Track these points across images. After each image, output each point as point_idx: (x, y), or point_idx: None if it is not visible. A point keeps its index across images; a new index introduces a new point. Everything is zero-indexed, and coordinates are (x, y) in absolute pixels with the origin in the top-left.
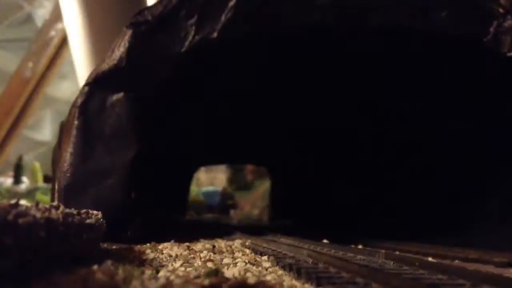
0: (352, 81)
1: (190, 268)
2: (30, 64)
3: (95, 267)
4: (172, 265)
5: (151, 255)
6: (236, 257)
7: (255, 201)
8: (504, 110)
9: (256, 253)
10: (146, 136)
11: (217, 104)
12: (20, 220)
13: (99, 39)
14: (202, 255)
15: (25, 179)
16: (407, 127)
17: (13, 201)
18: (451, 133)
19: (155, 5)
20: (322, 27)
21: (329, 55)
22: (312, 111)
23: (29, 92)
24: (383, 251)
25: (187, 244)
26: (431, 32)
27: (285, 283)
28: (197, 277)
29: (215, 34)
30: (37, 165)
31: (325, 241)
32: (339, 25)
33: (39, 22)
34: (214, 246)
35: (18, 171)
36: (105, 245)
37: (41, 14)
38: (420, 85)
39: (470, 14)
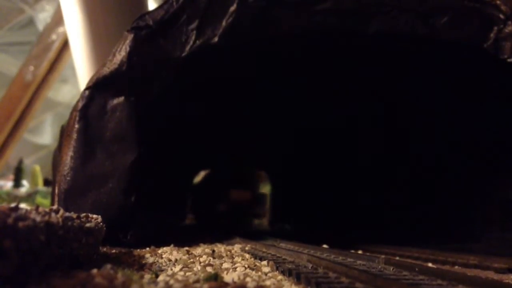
0: (352, 85)
1: (190, 273)
2: (31, 68)
3: (95, 271)
4: (171, 269)
5: (151, 259)
6: (235, 262)
7: None
8: (504, 114)
9: (255, 258)
10: (146, 140)
11: (217, 108)
12: (20, 224)
13: (100, 43)
14: (201, 259)
15: (25, 182)
16: (406, 131)
17: (13, 205)
18: (451, 137)
19: (156, 9)
20: (323, 31)
21: (329, 59)
22: (313, 116)
23: (30, 95)
24: (382, 256)
25: (187, 248)
26: (432, 37)
27: None
28: (197, 281)
29: (216, 39)
30: (37, 168)
31: (324, 246)
32: (340, 30)
33: (40, 25)
34: (213, 251)
35: (18, 175)
36: (105, 249)
37: (43, 17)
38: (420, 90)
39: (471, 20)
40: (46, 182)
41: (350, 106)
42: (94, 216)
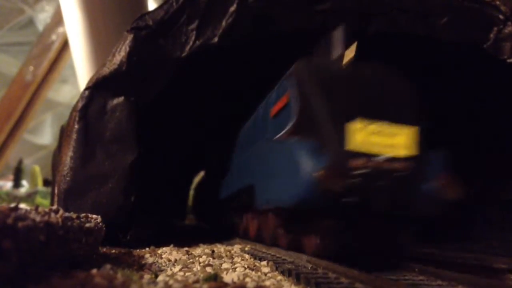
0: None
1: (189, 273)
2: (31, 68)
3: (94, 271)
4: (171, 269)
5: (150, 260)
6: (235, 262)
7: None
8: (504, 114)
9: (255, 258)
10: (146, 140)
11: (218, 107)
12: (20, 224)
13: (100, 43)
14: (201, 259)
15: (25, 182)
16: None
17: (12, 205)
18: (450, 138)
19: (156, 10)
20: (323, 31)
21: None
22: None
23: (29, 95)
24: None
25: (186, 248)
26: (432, 37)
27: None
28: (196, 281)
29: (215, 39)
30: (37, 168)
31: None
32: None
33: (40, 26)
34: (213, 251)
35: (18, 175)
36: (104, 249)
37: (43, 18)
38: (420, 90)
39: (471, 21)
40: (46, 182)
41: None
42: (94, 216)
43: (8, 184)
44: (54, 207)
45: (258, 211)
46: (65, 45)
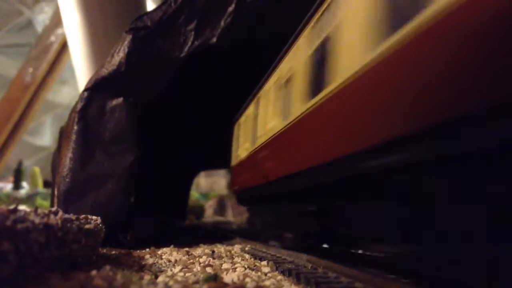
0: None
1: (189, 273)
2: (30, 70)
3: (94, 272)
4: (171, 270)
5: (150, 260)
6: (235, 262)
7: None
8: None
9: (255, 258)
10: (146, 140)
11: (217, 108)
12: (19, 226)
13: (99, 44)
14: (201, 260)
15: (25, 184)
16: None
17: (12, 207)
18: None
19: (154, 10)
20: None
21: None
22: None
23: (29, 97)
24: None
25: (187, 249)
26: None
27: None
28: (196, 282)
29: (214, 40)
30: (37, 170)
31: (324, 245)
32: None
33: (39, 27)
34: (213, 251)
35: (18, 176)
36: (104, 250)
37: (41, 19)
38: None
39: None
40: (46, 184)
41: None
42: (94, 217)
43: (8, 186)
44: (54, 208)
45: None
46: (64, 46)
